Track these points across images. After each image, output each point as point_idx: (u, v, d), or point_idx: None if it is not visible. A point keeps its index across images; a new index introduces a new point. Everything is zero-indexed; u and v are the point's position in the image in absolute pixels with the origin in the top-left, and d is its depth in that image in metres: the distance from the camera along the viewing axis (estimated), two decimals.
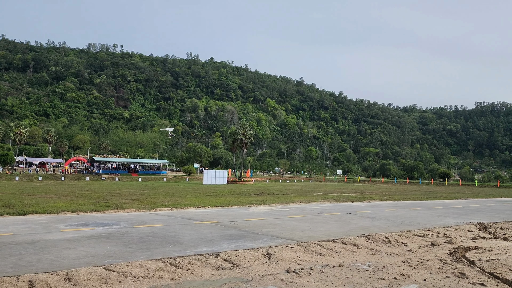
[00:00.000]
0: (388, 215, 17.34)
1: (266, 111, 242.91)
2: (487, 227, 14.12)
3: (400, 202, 26.59)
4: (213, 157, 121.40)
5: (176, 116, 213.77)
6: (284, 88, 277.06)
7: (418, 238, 11.48)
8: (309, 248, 9.30)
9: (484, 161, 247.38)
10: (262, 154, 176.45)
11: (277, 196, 30.15)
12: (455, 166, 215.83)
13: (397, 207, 22.11)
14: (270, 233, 11.40)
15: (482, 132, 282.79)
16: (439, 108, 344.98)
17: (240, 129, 70.18)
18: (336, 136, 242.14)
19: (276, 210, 18.70)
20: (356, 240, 10.43)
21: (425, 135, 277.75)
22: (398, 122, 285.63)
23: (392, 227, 13.33)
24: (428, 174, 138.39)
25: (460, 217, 17.37)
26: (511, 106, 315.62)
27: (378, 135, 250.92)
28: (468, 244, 10.72)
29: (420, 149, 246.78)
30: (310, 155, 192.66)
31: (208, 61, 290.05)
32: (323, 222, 14.34)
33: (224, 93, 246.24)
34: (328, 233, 11.63)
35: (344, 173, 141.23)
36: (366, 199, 27.97)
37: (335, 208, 20.17)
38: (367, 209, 20.12)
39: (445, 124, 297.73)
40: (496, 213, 20.48)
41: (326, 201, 25.46)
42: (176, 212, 16.90)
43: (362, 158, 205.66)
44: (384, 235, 11.34)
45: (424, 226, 13.89)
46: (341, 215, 16.94)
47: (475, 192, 48.18)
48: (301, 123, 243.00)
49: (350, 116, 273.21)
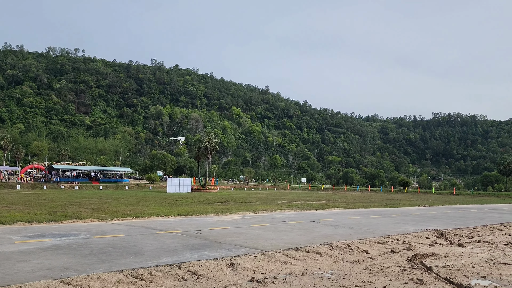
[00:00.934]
0: (351, 223, 17.66)
1: (232, 119, 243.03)
2: (443, 234, 14.65)
3: (362, 210, 27.16)
4: (178, 165, 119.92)
5: (139, 123, 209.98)
6: (250, 96, 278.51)
7: (378, 245, 11.75)
8: (273, 257, 9.32)
9: (441, 170, 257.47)
10: (227, 162, 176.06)
11: (241, 204, 30.09)
12: (414, 174, 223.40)
13: (359, 215, 22.56)
14: (234, 242, 11.35)
15: (439, 141, 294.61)
16: (399, 118, 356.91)
17: (205, 137, 69.73)
18: (301, 144, 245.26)
19: (240, 218, 18.66)
20: (319, 248, 10.55)
21: (385, 144, 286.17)
22: (361, 131, 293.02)
23: (354, 235, 13.59)
24: (388, 182, 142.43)
25: (418, 224, 17.94)
26: (466, 117, 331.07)
27: (341, 144, 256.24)
28: (425, 250, 11.08)
29: (381, 157, 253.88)
30: (275, 163, 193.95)
31: (173, 68, 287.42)
32: (287, 230, 14.42)
33: (189, 100, 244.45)
34: (292, 242, 11.70)
35: (308, 181, 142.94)
36: (330, 207, 28.39)
37: (299, 216, 20.35)
38: (330, 217, 20.42)
39: (404, 133, 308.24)
40: (452, 220, 21.30)
41: (291, 209, 25.65)
42: (138, 221, 16.52)
43: (326, 166, 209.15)
44: (346, 242, 11.54)
45: (385, 233, 14.24)
46: (304, 223, 17.10)
47: (433, 200, 49.96)
48: (266, 132, 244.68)
49: (315, 125, 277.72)
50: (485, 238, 14.51)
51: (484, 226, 18.12)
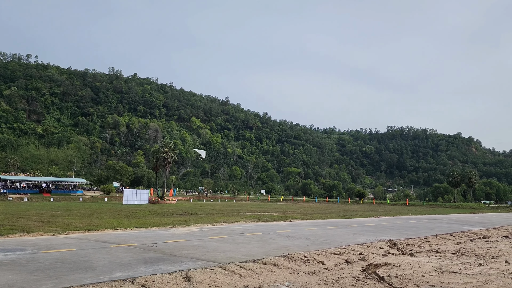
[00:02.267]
0: (308, 234, 17.85)
1: (191, 130, 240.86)
2: (396, 244, 15.11)
3: (319, 221, 27.55)
4: (135, 175, 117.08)
5: (95, 132, 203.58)
6: (210, 107, 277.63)
7: (334, 256, 11.94)
8: (230, 270, 9.23)
9: (395, 181, 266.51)
10: (186, 173, 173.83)
11: (200, 216, 29.73)
12: (370, 185, 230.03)
13: (316, 226, 22.86)
14: (190, 255, 11.16)
15: (393, 154, 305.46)
16: (356, 131, 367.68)
17: (163, 148, 68.64)
18: (260, 156, 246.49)
19: (198, 231, 18.41)
20: (276, 260, 10.57)
21: (343, 156, 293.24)
22: (319, 143, 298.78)
23: (311, 246, 13.73)
24: (345, 193, 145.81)
25: (372, 235, 18.41)
26: (417, 130, 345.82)
27: (300, 156, 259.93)
28: (379, 260, 11.36)
29: (339, 169, 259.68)
30: (234, 174, 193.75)
31: (131, 77, 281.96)
32: (244, 242, 14.37)
33: (147, 110, 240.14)
34: (250, 254, 11.66)
35: (267, 192, 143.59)
36: (288, 218, 28.60)
37: (257, 228, 20.34)
38: (288, 229, 20.56)
39: (360, 146, 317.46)
40: (404, 230, 22.03)
41: (249, 220, 25.61)
42: (91, 235, 15.91)
43: (285, 178, 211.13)
44: (303, 254, 11.63)
45: (340, 244, 14.50)
46: (262, 234, 17.11)
47: (387, 210, 51.53)
48: (226, 143, 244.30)
49: (274, 136, 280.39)
50: (435, 247, 15.09)
51: (434, 236, 18.85)
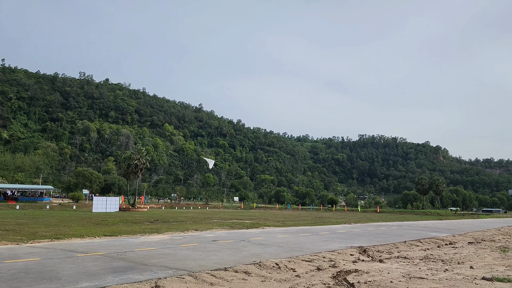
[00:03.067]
0: (280, 241, 17.88)
1: (164, 136, 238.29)
2: (366, 250, 15.32)
3: (292, 228, 27.65)
4: (105, 182, 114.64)
5: (64, 138, 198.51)
6: (183, 114, 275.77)
7: (305, 263, 11.98)
8: (200, 278, 9.13)
9: (366, 189, 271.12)
10: (158, 180, 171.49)
11: (172, 224, 29.32)
12: (342, 193, 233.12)
13: (288, 233, 22.93)
14: (160, 264, 10.97)
15: (364, 162, 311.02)
16: (328, 138, 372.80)
17: (135, 154, 67.55)
18: (234, 163, 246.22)
19: (169, 239, 18.14)
20: (247, 268, 10.52)
21: (316, 164, 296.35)
22: (292, 151, 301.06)
23: (283, 253, 13.75)
24: (318, 201, 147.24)
25: (344, 242, 18.61)
26: (388, 139, 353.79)
27: (274, 163, 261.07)
28: (349, 267, 11.48)
29: (312, 176, 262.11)
30: (208, 181, 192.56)
31: (103, 82, 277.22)
32: (216, 250, 14.25)
33: (119, 116, 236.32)
34: (221, 262, 11.56)
35: (241, 199, 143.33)
36: (261, 226, 28.57)
37: (229, 236, 20.23)
38: (260, 236, 20.53)
39: (333, 154, 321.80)
40: (375, 236, 22.38)
41: (222, 228, 25.44)
42: (58, 244, 15.43)
43: (258, 185, 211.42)
44: (275, 261, 11.63)
45: (312, 251, 14.58)
46: (235, 242, 17.03)
47: (358, 217, 52.27)
48: (199, 150, 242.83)
49: (248, 143, 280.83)
50: (404, 253, 15.38)
51: (403, 243, 19.22)
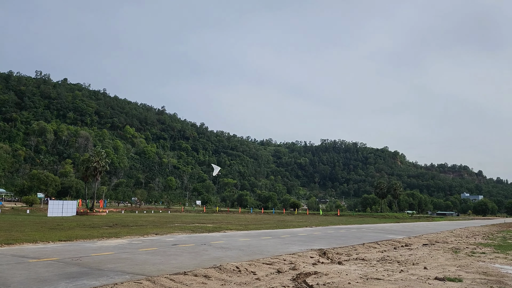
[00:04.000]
0: (241, 245, 17.84)
1: (125, 139, 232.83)
2: (326, 253, 15.55)
3: (254, 232, 27.68)
4: (62, 186, 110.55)
5: (18, 139, 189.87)
6: (145, 116, 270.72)
7: (266, 266, 12.00)
8: (158, 283, 8.94)
9: (328, 192, 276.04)
10: (118, 183, 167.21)
11: (131, 228, 28.64)
12: (304, 196, 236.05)
13: (250, 237, 22.93)
14: (117, 269, 10.66)
15: (326, 166, 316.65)
16: (291, 143, 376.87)
17: (94, 157, 65.61)
18: (197, 166, 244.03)
19: (127, 243, 17.68)
20: (207, 272, 10.42)
21: (279, 168, 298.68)
22: (255, 155, 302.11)
23: (244, 257, 13.72)
24: (280, 204, 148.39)
25: (304, 244, 18.81)
26: (349, 144, 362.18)
27: (237, 167, 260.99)
28: (309, 269, 11.60)
29: (274, 180, 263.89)
30: (170, 185, 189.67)
31: (61, 81, 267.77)
32: (176, 254, 14.03)
33: (78, 117, 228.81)
34: (181, 266, 11.39)
35: (203, 203, 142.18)
36: (223, 229, 28.43)
37: (190, 239, 19.99)
38: (221, 240, 20.41)
39: (296, 158, 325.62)
40: (334, 239, 22.78)
41: (183, 232, 25.10)
42: (8, 249, 14.69)
43: (221, 189, 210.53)
44: (235, 264, 11.58)
45: (273, 254, 14.64)
46: (195, 246, 16.84)
47: (319, 221, 53.07)
48: (161, 153, 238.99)
49: (211, 147, 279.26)
50: (362, 255, 15.73)
51: (361, 245, 19.67)
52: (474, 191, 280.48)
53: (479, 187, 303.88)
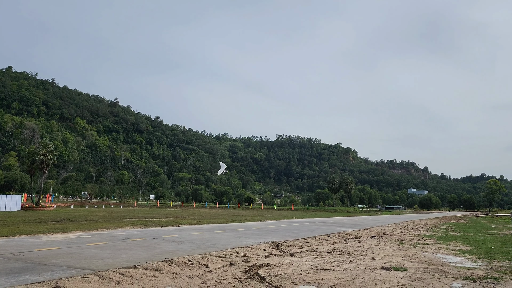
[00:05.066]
0: (194, 238, 17.69)
1: (75, 131, 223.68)
2: (279, 245, 15.75)
3: (207, 226, 27.54)
4: (5, 179, 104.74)
5: None
6: (97, 108, 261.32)
7: (219, 259, 11.97)
8: (107, 277, 8.67)
9: (282, 187, 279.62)
10: (67, 177, 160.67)
11: (81, 223, 27.61)
12: (259, 191, 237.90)
13: (204, 231, 22.79)
14: (63, 264, 10.23)
15: (281, 161, 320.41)
16: (247, 138, 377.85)
17: (41, 149, 62.52)
18: (151, 160, 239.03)
19: (75, 237, 17.03)
20: (158, 265, 10.24)
21: (234, 163, 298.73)
22: (211, 149, 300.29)
23: (196, 250, 13.61)
24: (236, 199, 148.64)
25: (258, 237, 18.95)
26: (304, 139, 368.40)
27: (192, 161, 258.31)
28: (262, 261, 11.70)
29: (230, 175, 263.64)
30: (122, 179, 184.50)
31: (5, 70, 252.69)
32: (127, 248, 13.68)
33: (24, 107, 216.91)
34: (131, 260, 11.11)
35: (157, 198, 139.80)
36: (176, 224, 28.07)
37: (142, 234, 19.57)
38: (174, 233, 20.15)
39: (251, 153, 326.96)
40: (288, 232, 23.12)
41: (135, 226, 24.54)
42: None
43: (176, 183, 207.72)
44: (188, 258, 11.46)
45: (226, 247, 14.63)
46: (147, 240, 16.51)
47: (274, 215, 53.68)
48: (114, 146, 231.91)
49: (166, 141, 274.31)
50: (313, 247, 16.08)
51: (313, 237, 20.10)
52: (420, 187, 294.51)
53: (425, 182, 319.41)
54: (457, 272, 10.67)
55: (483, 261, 13.07)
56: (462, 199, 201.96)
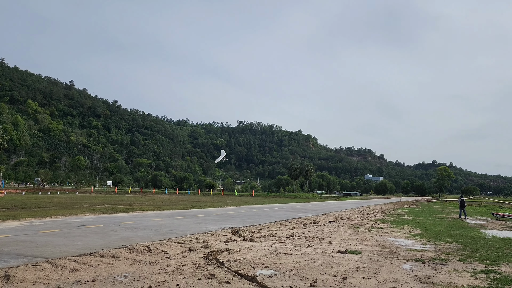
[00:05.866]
0: (153, 225, 17.47)
1: (26, 114, 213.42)
2: (238, 231, 15.84)
3: (167, 212, 27.25)
4: None
5: None
6: (50, 90, 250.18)
7: (178, 245, 11.89)
8: (60, 265, 8.40)
9: (243, 174, 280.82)
10: (19, 162, 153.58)
11: (33, 209, 26.52)
12: (220, 177, 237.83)
13: (163, 217, 22.54)
14: (13, 252, 9.82)
15: (242, 148, 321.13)
16: (208, 124, 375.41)
17: None
18: (108, 145, 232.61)
19: (27, 225, 16.36)
20: (115, 252, 10.03)
21: (195, 149, 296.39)
22: (171, 135, 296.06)
23: (155, 236, 13.45)
24: (196, 185, 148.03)
25: (218, 223, 18.98)
26: (265, 126, 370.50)
27: (152, 147, 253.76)
28: (221, 247, 11.73)
29: (190, 161, 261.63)
30: (78, 165, 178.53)
31: None
32: (82, 235, 13.30)
33: None
34: (86, 247, 10.82)
35: (115, 184, 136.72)
36: (134, 210, 27.58)
37: (99, 220, 19.09)
38: (132, 220, 19.80)
39: (212, 139, 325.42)
40: (248, 218, 23.29)
41: (92, 213, 23.87)
42: None
43: (135, 169, 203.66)
44: (146, 244, 11.30)
45: (185, 233, 14.54)
46: (104, 227, 16.12)
47: (234, 201, 53.89)
48: (69, 130, 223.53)
49: (124, 125, 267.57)
50: (273, 233, 16.30)
51: (273, 223, 20.37)
52: (376, 173, 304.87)
53: (381, 169, 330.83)
54: (408, 254, 11.16)
55: (432, 243, 13.75)
56: (414, 185, 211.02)
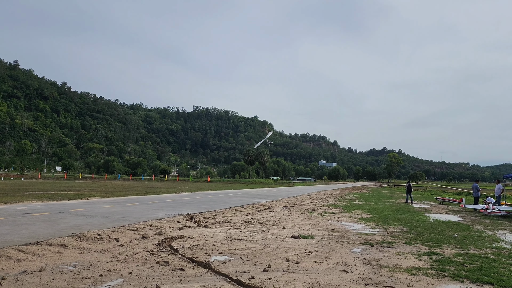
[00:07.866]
0: (105, 212, 17.02)
1: None
2: (193, 217, 15.78)
3: (119, 198, 26.62)
4: None
5: None
6: None
7: (131, 232, 11.68)
8: (4, 255, 8.02)
9: (199, 159, 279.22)
10: None
11: None
12: (175, 163, 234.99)
13: (115, 204, 22.00)
14: None
15: (198, 133, 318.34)
16: (163, 108, 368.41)
17: None
18: (57, 129, 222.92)
19: None
20: (64, 241, 9.70)
21: (149, 133, 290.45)
22: (124, 119, 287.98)
23: (107, 224, 13.13)
24: (150, 171, 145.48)
25: (172, 210, 18.79)
26: (221, 112, 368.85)
27: (104, 131, 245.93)
28: (175, 234, 11.65)
29: (144, 146, 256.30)
30: (24, 149, 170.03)
31: None
32: (28, 223, 12.73)
33: None
34: (33, 236, 10.38)
35: (64, 169, 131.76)
36: (85, 197, 26.72)
37: (46, 208, 18.33)
38: (83, 207, 19.19)
39: (167, 124, 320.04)
40: (203, 204, 23.23)
41: (39, 200, 22.88)
42: None
43: (86, 154, 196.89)
44: (97, 232, 11.01)
45: (139, 220, 14.30)
46: (52, 214, 15.51)
47: (189, 187, 53.52)
48: (14, 113, 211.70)
49: (74, 109, 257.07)
50: (228, 219, 16.38)
51: (228, 209, 20.44)
52: (330, 159, 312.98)
53: (334, 155, 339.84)
54: (358, 238, 11.60)
55: (381, 227, 14.37)
56: (365, 171, 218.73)
